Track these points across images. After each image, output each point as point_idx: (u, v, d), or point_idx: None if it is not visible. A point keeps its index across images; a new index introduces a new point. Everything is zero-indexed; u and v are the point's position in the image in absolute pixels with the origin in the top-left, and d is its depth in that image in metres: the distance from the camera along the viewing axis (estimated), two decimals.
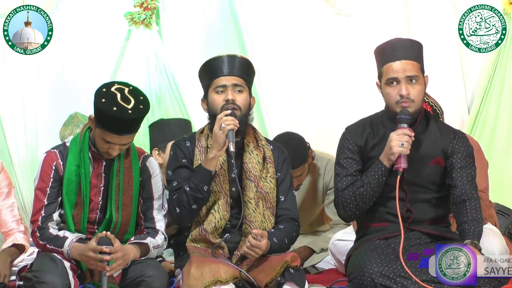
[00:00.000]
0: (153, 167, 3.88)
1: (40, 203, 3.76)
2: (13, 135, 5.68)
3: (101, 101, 3.63)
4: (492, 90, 5.71)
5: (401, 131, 3.66)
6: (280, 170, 3.90)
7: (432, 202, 3.80)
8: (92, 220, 3.79)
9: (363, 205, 3.74)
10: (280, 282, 3.55)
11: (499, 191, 5.40)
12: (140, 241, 3.75)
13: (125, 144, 3.71)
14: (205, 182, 3.71)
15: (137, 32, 5.80)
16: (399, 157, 3.66)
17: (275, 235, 3.73)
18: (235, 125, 3.69)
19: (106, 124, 3.63)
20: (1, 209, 4.31)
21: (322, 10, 5.89)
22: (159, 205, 3.87)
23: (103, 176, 3.80)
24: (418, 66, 3.77)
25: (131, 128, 3.66)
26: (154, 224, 3.84)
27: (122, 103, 3.62)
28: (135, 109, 3.62)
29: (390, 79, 3.73)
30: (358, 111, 4.85)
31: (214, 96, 3.81)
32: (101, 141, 3.69)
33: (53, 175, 3.76)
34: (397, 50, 3.78)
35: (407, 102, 3.71)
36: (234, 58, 3.85)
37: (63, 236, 3.70)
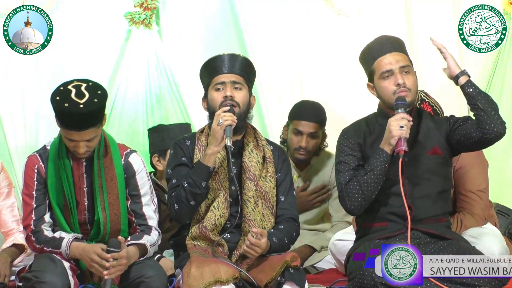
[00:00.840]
0: (137, 163, 3.85)
1: (29, 207, 3.75)
2: (13, 135, 5.67)
3: (55, 99, 3.62)
4: (492, 90, 5.71)
5: (399, 115, 3.69)
6: (280, 170, 3.91)
7: (432, 198, 3.80)
8: (82, 221, 3.79)
9: (368, 194, 3.74)
10: (280, 282, 3.56)
11: (499, 191, 5.40)
12: (137, 242, 3.74)
13: (89, 140, 3.67)
14: (204, 178, 3.72)
15: (137, 32, 5.80)
16: (399, 140, 3.67)
17: (275, 235, 3.73)
18: (233, 121, 3.70)
19: (63, 121, 3.62)
20: (1, 209, 4.31)
21: (322, 10, 5.89)
22: (148, 200, 3.85)
23: (85, 177, 3.78)
24: (407, 58, 3.84)
25: (86, 123, 3.61)
26: (145, 220, 3.83)
27: (75, 98, 3.59)
28: (88, 103, 3.58)
29: (384, 72, 3.77)
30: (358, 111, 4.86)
31: (213, 94, 3.83)
32: (66, 140, 3.68)
33: (37, 178, 3.76)
34: (384, 44, 3.84)
35: (405, 91, 3.74)
36: (235, 57, 3.87)
37: (60, 237, 3.70)
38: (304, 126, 4.81)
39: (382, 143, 3.72)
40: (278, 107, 5.90)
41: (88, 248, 3.62)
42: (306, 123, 4.82)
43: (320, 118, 4.88)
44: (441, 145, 3.82)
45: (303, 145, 4.80)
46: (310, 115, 4.85)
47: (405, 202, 3.64)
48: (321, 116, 4.90)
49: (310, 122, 4.83)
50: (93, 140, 3.68)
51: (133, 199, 3.83)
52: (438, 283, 3.49)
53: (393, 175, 3.69)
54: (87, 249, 3.63)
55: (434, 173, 3.80)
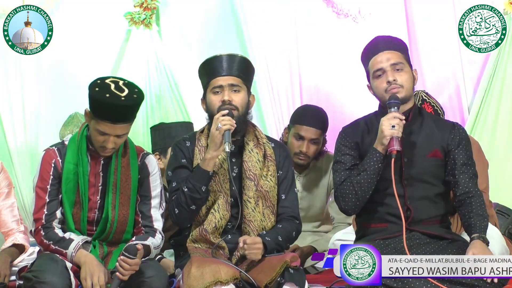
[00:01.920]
0: (152, 165, 3.86)
1: (42, 200, 3.74)
2: (13, 135, 5.68)
3: (95, 90, 3.63)
4: (492, 90, 5.71)
5: (391, 115, 3.67)
6: (282, 168, 3.90)
7: (432, 200, 3.79)
8: (91, 219, 3.78)
9: (362, 194, 3.73)
10: (280, 282, 3.55)
11: (499, 191, 5.40)
12: (143, 243, 3.74)
13: (119, 136, 3.68)
14: (203, 183, 3.71)
15: (137, 32, 5.81)
16: (391, 140, 3.65)
17: (267, 235, 3.72)
18: (232, 125, 3.69)
19: (100, 112, 3.62)
20: (1, 209, 4.31)
21: (322, 10, 5.89)
22: (157, 203, 3.85)
23: (101, 175, 3.79)
24: (401, 56, 3.79)
25: (124, 117, 3.64)
26: (151, 222, 3.83)
27: (116, 91, 3.61)
28: (129, 96, 3.61)
29: (376, 71, 3.76)
30: (358, 111, 4.86)
31: (211, 97, 3.81)
32: (96, 133, 3.67)
33: (53, 172, 3.75)
34: (378, 44, 3.82)
35: (396, 88, 3.72)
36: (231, 57, 3.84)
37: (69, 238, 3.70)
38: (306, 132, 4.79)
39: (376, 143, 3.72)
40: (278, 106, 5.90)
41: (95, 267, 3.62)
42: (308, 129, 4.79)
43: (323, 125, 4.86)
44: (441, 149, 3.81)
45: (304, 150, 4.78)
46: (312, 121, 4.82)
47: (398, 202, 3.63)
48: (324, 122, 4.88)
49: (312, 128, 4.80)
50: (122, 136, 3.70)
51: (143, 200, 3.84)
52: (437, 283, 3.48)
53: (390, 176, 3.69)
54: (95, 263, 3.63)
55: (434, 175, 3.79)
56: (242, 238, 3.62)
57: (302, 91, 5.94)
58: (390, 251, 3.63)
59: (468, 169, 3.77)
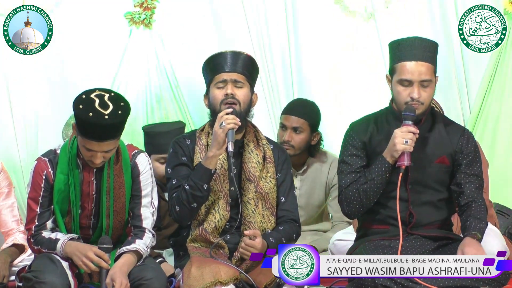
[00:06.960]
0: (143, 164, 3.83)
1: (33, 212, 3.74)
2: (13, 135, 5.67)
3: (79, 108, 3.59)
4: (493, 90, 5.69)
5: (406, 128, 3.65)
6: (281, 171, 3.90)
7: (435, 205, 3.78)
8: (86, 225, 3.79)
9: (367, 202, 3.73)
10: (279, 283, 3.56)
11: (499, 191, 5.39)
12: (130, 249, 3.73)
13: (107, 152, 3.66)
14: (205, 181, 3.71)
15: (137, 32, 5.80)
16: (402, 154, 3.65)
17: (272, 235, 3.72)
18: (236, 124, 3.69)
19: (84, 131, 3.59)
20: (1, 209, 4.32)
21: (329, 8, 5.86)
22: (148, 202, 3.83)
23: (94, 183, 3.77)
24: (432, 69, 3.74)
25: (109, 134, 3.60)
26: (140, 221, 3.81)
27: (99, 108, 3.57)
28: (112, 114, 3.57)
29: (403, 80, 3.70)
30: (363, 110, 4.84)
31: (215, 91, 3.82)
32: (83, 149, 3.66)
33: (44, 184, 3.74)
34: (414, 49, 3.73)
35: (417, 104, 3.69)
36: (236, 54, 3.85)
37: (55, 239, 3.71)
38: (287, 120, 4.81)
39: (385, 152, 3.69)
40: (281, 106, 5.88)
41: (84, 246, 3.65)
42: (290, 117, 4.81)
43: (307, 115, 4.83)
44: (449, 156, 3.79)
45: (286, 139, 4.77)
46: (295, 110, 4.84)
47: (398, 208, 3.64)
48: (309, 113, 4.86)
49: (294, 116, 4.81)
50: (110, 151, 3.67)
51: (133, 199, 3.83)
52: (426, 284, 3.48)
53: (396, 180, 3.68)
54: (81, 246, 3.65)
55: (439, 181, 3.78)
56: (247, 233, 3.60)
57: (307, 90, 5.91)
58: (390, 251, 3.63)
59: (475, 180, 3.76)
